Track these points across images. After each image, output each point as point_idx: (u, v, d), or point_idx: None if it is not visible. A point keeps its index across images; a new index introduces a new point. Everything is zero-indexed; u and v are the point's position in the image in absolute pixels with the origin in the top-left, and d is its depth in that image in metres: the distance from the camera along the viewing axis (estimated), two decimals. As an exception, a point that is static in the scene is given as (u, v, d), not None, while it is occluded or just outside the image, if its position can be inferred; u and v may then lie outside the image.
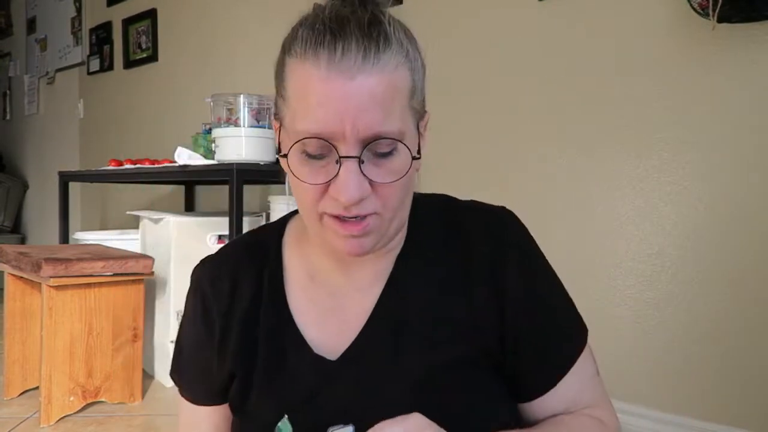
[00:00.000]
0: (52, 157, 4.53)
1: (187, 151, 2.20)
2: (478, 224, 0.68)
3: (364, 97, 0.55)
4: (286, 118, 0.61)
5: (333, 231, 0.60)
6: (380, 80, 0.55)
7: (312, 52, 0.56)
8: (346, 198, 0.56)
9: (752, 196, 1.56)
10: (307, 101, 0.57)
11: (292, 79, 0.60)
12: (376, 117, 0.55)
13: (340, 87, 0.54)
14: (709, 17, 1.47)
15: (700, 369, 1.63)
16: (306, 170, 0.58)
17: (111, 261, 2.01)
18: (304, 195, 0.60)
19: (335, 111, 0.55)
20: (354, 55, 0.55)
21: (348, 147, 0.56)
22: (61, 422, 1.94)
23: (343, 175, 0.56)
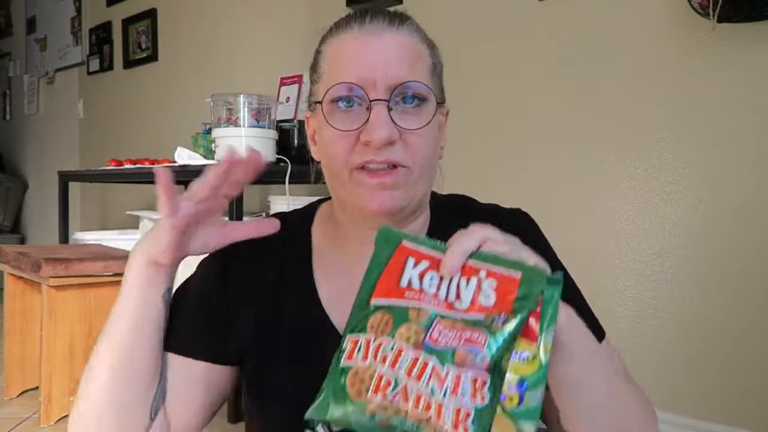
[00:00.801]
0: (52, 157, 4.53)
1: (187, 151, 2.19)
2: (494, 220, 0.70)
3: (392, 50, 0.62)
4: (320, 91, 0.65)
5: (363, 185, 0.62)
6: (405, 40, 0.64)
7: (345, 25, 0.65)
8: (377, 137, 0.59)
9: (752, 196, 1.56)
10: (340, 60, 0.63)
11: (326, 54, 0.67)
12: (403, 67, 0.62)
13: (371, 42, 0.62)
14: (709, 17, 1.47)
15: (700, 369, 1.63)
16: (337, 119, 0.62)
17: (111, 261, 2.01)
18: (335, 150, 0.63)
19: (366, 61, 0.61)
20: (381, 20, 0.64)
21: (378, 93, 0.61)
22: (61, 422, 1.94)
23: (374, 116, 0.60)
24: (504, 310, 0.46)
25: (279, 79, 2.69)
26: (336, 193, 0.68)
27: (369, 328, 0.47)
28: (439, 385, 0.44)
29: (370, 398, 0.45)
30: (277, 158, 2.09)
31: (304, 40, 2.67)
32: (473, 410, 0.43)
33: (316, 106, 0.67)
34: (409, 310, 0.47)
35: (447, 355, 0.44)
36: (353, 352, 0.47)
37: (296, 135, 2.21)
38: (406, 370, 0.45)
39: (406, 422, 0.44)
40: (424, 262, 0.49)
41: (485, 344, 0.44)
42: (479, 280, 0.47)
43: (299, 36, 2.68)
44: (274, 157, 2.08)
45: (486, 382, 0.44)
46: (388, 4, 2.21)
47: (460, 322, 0.46)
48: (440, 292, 0.48)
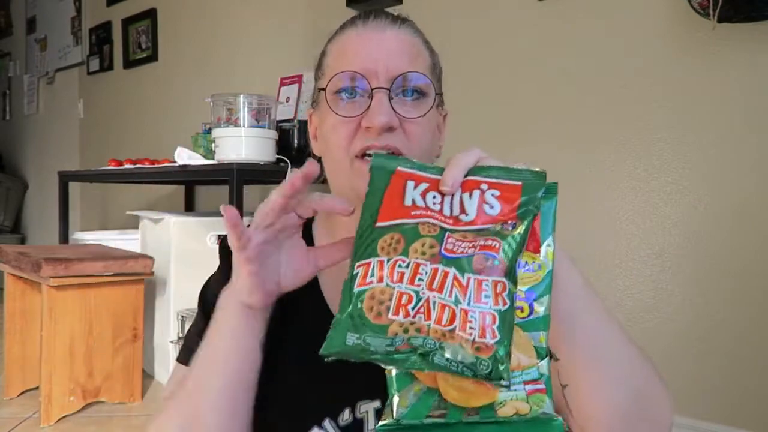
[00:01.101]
0: (52, 157, 4.53)
1: (187, 151, 2.20)
2: None
3: (394, 43, 0.66)
4: (322, 83, 0.68)
5: (363, 173, 0.61)
6: (406, 37, 0.67)
7: (349, 24, 0.69)
8: (377, 121, 0.61)
9: (752, 195, 1.56)
10: (344, 54, 0.66)
11: (330, 51, 0.70)
12: (404, 60, 0.65)
13: (373, 36, 0.66)
14: (709, 17, 1.47)
15: (700, 369, 1.63)
16: (340, 108, 0.65)
17: (111, 261, 2.01)
18: (338, 137, 0.65)
19: (369, 53, 0.64)
20: (383, 18, 0.68)
21: (380, 82, 0.63)
22: (61, 422, 1.94)
23: (375, 102, 0.63)
24: (510, 218, 0.46)
25: (279, 79, 2.70)
26: (336, 182, 0.69)
27: (380, 250, 0.46)
28: (462, 293, 0.43)
29: (391, 318, 0.43)
30: (277, 158, 2.09)
31: (304, 40, 2.67)
32: (498, 314, 0.42)
33: (319, 94, 0.69)
34: (419, 226, 0.47)
35: (465, 262, 0.44)
36: (366, 276, 0.45)
37: (296, 135, 2.21)
38: (427, 284, 0.44)
39: (427, 340, 0.42)
40: (423, 183, 0.49)
41: (500, 249, 0.44)
42: (482, 191, 0.47)
43: (299, 36, 2.68)
44: (274, 157, 2.08)
45: (506, 285, 0.43)
46: (388, 4, 2.21)
47: (471, 233, 0.46)
48: (444, 208, 0.48)
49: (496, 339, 0.41)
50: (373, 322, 0.43)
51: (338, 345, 0.44)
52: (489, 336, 0.41)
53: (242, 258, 0.54)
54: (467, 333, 0.42)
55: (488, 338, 0.41)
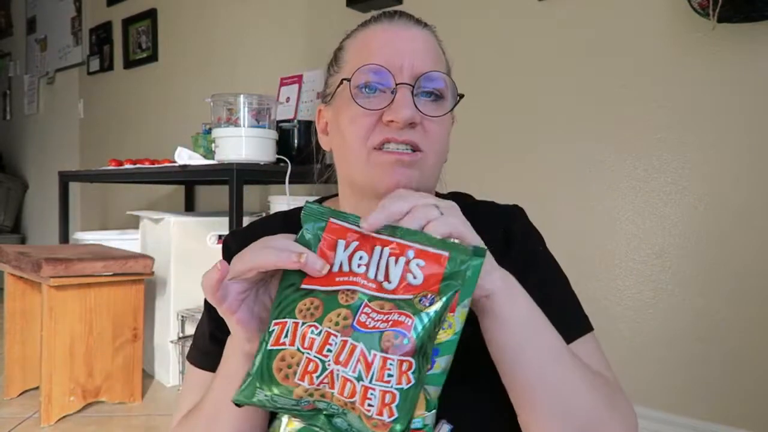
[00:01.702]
0: (52, 157, 4.53)
1: (187, 151, 2.20)
2: (490, 216, 0.72)
3: (419, 42, 0.67)
4: (342, 75, 0.67)
5: (381, 163, 0.63)
6: (429, 37, 0.69)
7: (373, 21, 0.69)
8: (402, 115, 0.62)
9: (752, 195, 1.56)
10: (369, 48, 0.66)
11: (352, 46, 0.69)
12: (428, 59, 0.66)
13: (400, 33, 0.66)
14: (709, 17, 1.47)
15: (700, 369, 1.63)
16: (362, 101, 0.64)
17: (111, 261, 2.01)
18: (357, 128, 0.64)
19: (395, 49, 0.65)
20: (408, 18, 0.69)
21: (404, 78, 0.64)
22: (61, 422, 1.94)
23: (399, 97, 0.63)
24: (431, 291, 0.46)
25: (279, 79, 2.70)
26: (349, 175, 0.68)
27: (297, 312, 0.47)
28: (366, 370, 0.43)
29: (297, 383, 0.45)
30: (277, 158, 2.09)
31: (304, 40, 2.68)
32: (399, 393, 0.43)
33: (338, 87, 0.68)
34: (339, 294, 0.47)
35: (374, 339, 0.44)
36: (280, 336, 0.46)
37: (296, 135, 2.21)
38: (333, 356, 0.44)
39: (331, 405, 0.44)
40: (353, 242, 0.49)
41: (412, 327, 0.44)
42: (407, 260, 0.47)
43: (299, 36, 2.68)
44: (274, 157, 2.08)
45: (412, 364, 0.43)
46: (387, 4, 2.21)
47: (389, 303, 0.46)
48: (370, 271, 0.48)
49: (393, 417, 0.42)
50: (280, 382, 0.45)
51: (248, 397, 0.46)
52: (386, 415, 0.42)
53: (224, 310, 0.52)
54: (366, 408, 0.43)
55: (385, 417, 0.42)
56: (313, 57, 2.61)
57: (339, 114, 0.68)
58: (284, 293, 0.48)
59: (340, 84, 0.67)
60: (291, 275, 0.49)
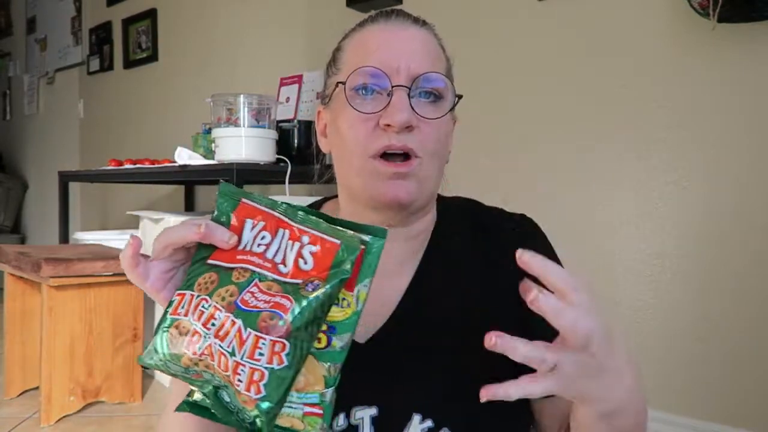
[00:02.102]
0: (52, 157, 4.53)
1: (187, 151, 2.19)
2: (503, 225, 0.72)
3: (417, 43, 0.65)
4: (339, 78, 0.66)
5: (379, 173, 0.63)
6: (428, 38, 0.67)
7: (369, 20, 0.68)
8: (398, 119, 0.61)
9: (752, 195, 1.56)
10: (365, 49, 0.65)
11: (349, 46, 0.68)
12: (425, 60, 0.64)
13: (397, 33, 0.65)
14: (709, 17, 1.47)
15: (700, 369, 1.63)
16: (358, 103, 0.63)
17: (111, 261, 2.01)
18: (355, 134, 0.64)
19: (391, 50, 0.63)
20: (405, 17, 0.67)
21: (400, 80, 0.62)
22: (61, 422, 1.94)
23: (395, 100, 0.62)
24: (318, 277, 0.47)
25: (279, 79, 2.70)
26: (348, 182, 0.68)
27: (196, 286, 0.48)
28: (239, 347, 0.45)
29: (184, 352, 0.47)
30: (277, 158, 2.09)
31: (304, 40, 2.68)
32: (268, 372, 0.44)
33: (334, 89, 0.67)
34: (233, 271, 0.48)
35: (252, 318, 0.45)
36: (179, 306, 0.48)
37: (296, 135, 2.21)
38: (215, 330, 0.46)
39: (215, 377, 0.46)
40: (260, 222, 0.50)
41: (289, 310, 0.45)
42: (302, 244, 0.48)
43: (299, 36, 2.68)
44: (274, 157, 2.08)
45: (285, 346, 0.44)
46: (387, 4, 2.21)
47: (278, 285, 0.47)
48: (268, 252, 0.49)
49: (260, 395, 0.43)
50: (171, 350, 0.47)
51: (148, 359, 0.49)
52: (253, 391, 0.44)
53: (149, 288, 0.52)
54: (236, 383, 0.44)
55: (252, 393, 0.44)
56: (313, 57, 2.61)
57: (337, 117, 0.66)
58: (194, 266, 0.50)
59: (337, 86, 0.66)
60: (203, 250, 0.50)
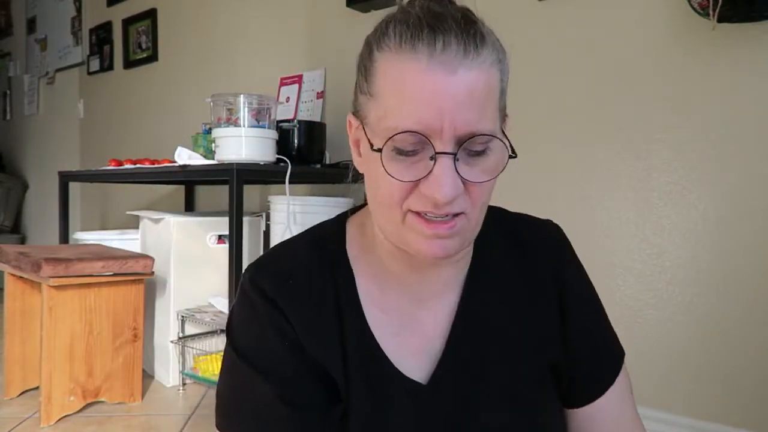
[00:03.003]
0: (52, 157, 4.53)
1: (187, 151, 2.19)
2: (535, 236, 0.72)
3: (464, 93, 0.53)
4: (372, 114, 0.58)
5: (417, 231, 0.57)
6: (478, 76, 0.54)
7: (409, 46, 0.54)
8: (441, 195, 0.53)
9: (752, 195, 1.56)
10: (403, 96, 0.54)
11: (384, 75, 0.56)
12: (473, 114, 0.54)
13: (441, 80, 0.53)
14: (709, 17, 1.47)
15: (700, 369, 1.63)
16: (396, 166, 0.55)
17: (111, 261, 2.01)
18: (389, 193, 0.57)
19: (435, 106, 0.53)
20: (455, 48, 0.53)
21: (444, 143, 0.54)
22: (61, 422, 1.94)
23: (439, 171, 0.54)
24: None
25: (279, 79, 2.70)
26: (382, 224, 0.62)
27: None
28: None
29: None
30: (277, 158, 2.09)
31: (304, 40, 2.67)
32: None
33: (367, 128, 0.59)
34: None
35: None
36: None
37: (296, 135, 2.21)
38: None
39: None
40: None
41: None
42: None
43: (299, 36, 2.68)
44: (274, 157, 2.08)
45: None
46: (387, 4, 2.20)
47: None
48: None
49: None
50: None
51: None
52: None
53: None
54: None
55: None
56: (313, 57, 2.61)
57: (371, 160, 0.58)
58: None
59: (367, 137, 0.58)
60: None
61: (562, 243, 0.73)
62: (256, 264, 0.67)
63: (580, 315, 0.69)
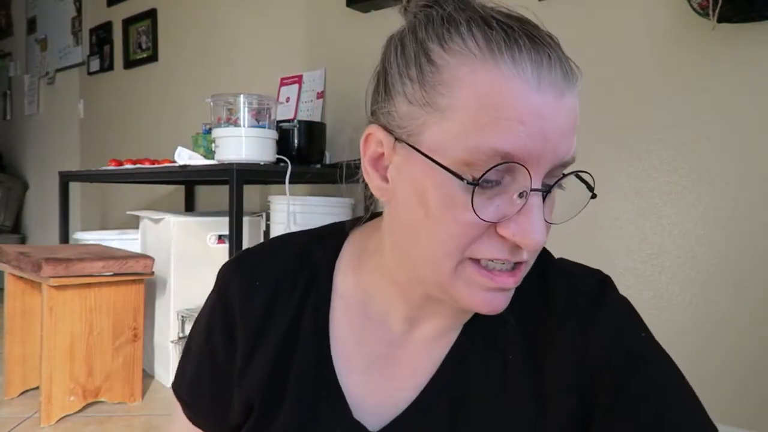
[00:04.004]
0: (52, 157, 4.53)
1: (187, 151, 2.20)
2: (567, 292, 0.58)
3: (570, 119, 0.45)
4: (435, 131, 0.46)
5: (476, 284, 0.47)
6: (576, 104, 0.47)
7: (508, 54, 0.45)
8: (534, 240, 0.45)
9: (752, 195, 1.56)
10: (499, 113, 0.43)
11: (468, 86, 0.45)
12: (572, 142, 0.46)
13: (550, 104, 0.44)
14: (709, 17, 1.47)
15: (699, 369, 1.63)
16: (478, 203, 0.44)
17: (111, 261, 2.01)
18: (457, 236, 0.46)
19: (541, 130, 0.44)
20: (560, 68, 0.46)
21: (539, 176, 0.45)
22: (61, 422, 1.94)
23: (533, 210, 0.45)
24: None
25: (279, 79, 2.70)
26: (419, 268, 0.50)
27: None
28: None
29: None
30: (277, 158, 2.09)
31: (304, 40, 2.67)
32: None
33: (434, 166, 0.46)
34: None
35: None
36: None
37: (296, 135, 2.21)
38: None
39: None
40: None
41: None
42: None
43: (299, 36, 2.68)
44: (274, 157, 2.08)
45: None
46: (387, 4, 2.21)
47: None
48: None
49: None
50: None
51: None
52: None
53: None
54: None
55: None
56: (313, 57, 2.61)
57: (427, 189, 0.46)
58: None
59: (438, 162, 0.45)
60: None
61: (604, 301, 0.58)
62: (237, 256, 0.62)
63: (619, 401, 0.52)
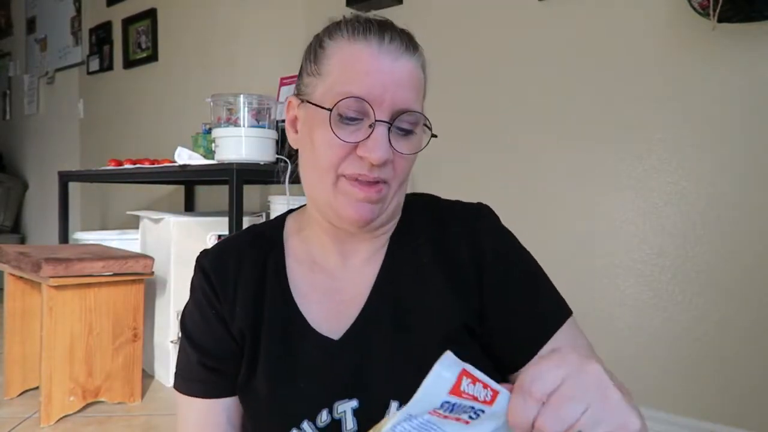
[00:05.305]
0: (52, 157, 4.53)
1: (187, 151, 2.20)
2: (456, 215, 0.75)
3: (405, 76, 0.65)
4: (319, 89, 0.67)
5: (348, 194, 0.66)
6: (415, 68, 0.67)
7: (362, 36, 0.66)
8: (376, 156, 0.63)
9: (752, 195, 1.56)
10: (354, 70, 0.64)
11: (336, 56, 0.66)
12: (410, 95, 0.65)
13: (387, 63, 0.64)
14: (709, 17, 1.47)
15: (700, 369, 1.63)
16: (339, 131, 0.64)
17: (111, 261, 2.01)
18: (328, 156, 0.65)
19: (380, 81, 0.63)
20: (398, 43, 0.66)
21: (383, 114, 0.64)
22: (61, 422, 1.94)
23: (377, 135, 0.63)
24: None
25: (279, 79, 2.70)
26: (313, 194, 0.70)
27: None
28: None
29: None
30: (277, 158, 2.09)
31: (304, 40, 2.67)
32: None
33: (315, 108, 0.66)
34: None
35: None
36: None
37: (296, 135, 2.21)
38: None
39: None
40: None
41: None
42: None
43: (299, 36, 2.68)
44: (274, 157, 2.08)
45: None
46: (387, 4, 2.21)
47: None
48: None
49: None
50: None
51: None
52: None
53: None
54: None
55: None
56: (313, 57, 2.61)
57: (313, 128, 0.67)
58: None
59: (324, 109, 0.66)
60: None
61: (481, 216, 0.74)
62: (208, 248, 0.80)
63: (500, 279, 0.69)
